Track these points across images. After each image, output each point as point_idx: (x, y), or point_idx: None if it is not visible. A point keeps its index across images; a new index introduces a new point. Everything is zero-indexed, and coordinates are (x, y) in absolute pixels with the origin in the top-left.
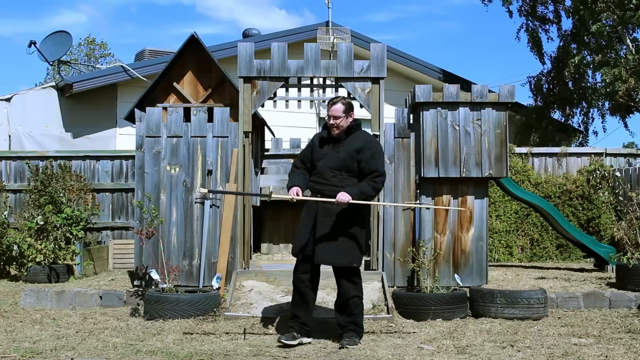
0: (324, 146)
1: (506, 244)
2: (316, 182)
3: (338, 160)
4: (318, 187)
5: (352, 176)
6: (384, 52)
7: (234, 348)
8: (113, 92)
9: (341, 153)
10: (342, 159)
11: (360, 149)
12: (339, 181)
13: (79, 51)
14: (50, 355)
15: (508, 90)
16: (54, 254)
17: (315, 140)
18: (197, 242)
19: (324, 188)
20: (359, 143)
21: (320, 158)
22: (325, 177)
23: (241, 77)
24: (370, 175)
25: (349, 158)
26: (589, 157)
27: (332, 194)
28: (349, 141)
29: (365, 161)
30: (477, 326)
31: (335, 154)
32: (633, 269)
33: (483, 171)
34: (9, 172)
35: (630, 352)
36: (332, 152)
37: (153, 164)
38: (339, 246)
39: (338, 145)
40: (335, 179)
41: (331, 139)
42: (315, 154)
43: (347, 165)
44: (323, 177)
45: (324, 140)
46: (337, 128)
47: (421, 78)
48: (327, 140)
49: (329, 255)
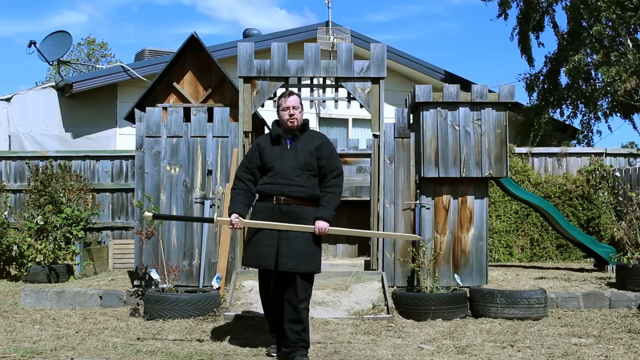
0: (275, 146)
1: (506, 244)
2: (278, 183)
3: (299, 159)
4: (281, 188)
5: (312, 175)
6: (384, 52)
7: (234, 348)
8: (113, 92)
9: (300, 152)
10: (303, 157)
11: (319, 146)
12: (303, 181)
13: (79, 51)
14: (50, 355)
15: (508, 90)
16: (53, 254)
17: (262, 143)
18: (197, 242)
19: (289, 189)
20: (317, 141)
21: (275, 158)
22: (289, 177)
23: (241, 77)
24: (331, 174)
25: (310, 156)
26: (589, 157)
27: (298, 195)
28: (304, 139)
29: (325, 158)
30: (477, 326)
31: (293, 152)
32: (633, 269)
33: (483, 171)
34: (9, 172)
35: (630, 352)
36: (290, 151)
37: (153, 164)
38: (305, 252)
39: (294, 144)
40: (300, 178)
41: (284, 138)
42: (267, 156)
43: (309, 164)
44: (286, 178)
45: (276, 139)
46: (296, 120)
47: (421, 78)
48: (280, 139)
49: (296, 260)
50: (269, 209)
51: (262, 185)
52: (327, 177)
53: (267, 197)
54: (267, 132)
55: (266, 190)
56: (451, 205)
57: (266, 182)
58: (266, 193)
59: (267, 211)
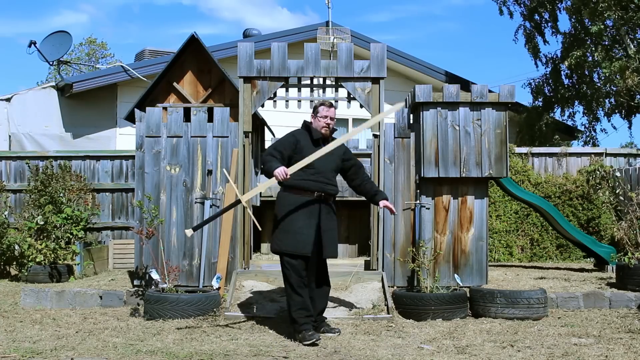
0: (317, 147)
1: (506, 244)
2: (320, 181)
3: (333, 162)
4: (322, 186)
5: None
6: (384, 52)
7: (234, 348)
8: (113, 92)
9: (334, 155)
10: (335, 160)
11: (345, 151)
12: (335, 181)
13: (80, 51)
14: (50, 355)
15: (508, 90)
16: (54, 254)
17: (301, 139)
18: (197, 242)
19: (328, 187)
20: (342, 146)
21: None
22: (328, 176)
23: (241, 77)
24: (361, 169)
25: (339, 160)
26: (588, 157)
27: (333, 192)
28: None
29: (353, 159)
30: (477, 326)
31: (329, 155)
32: (633, 269)
33: (483, 171)
34: (9, 172)
35: (630, 352)
36: (327, 154)
37: (153, 164)
38: (336, 241)
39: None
40: (334, 178)
41: (317, 141)
42: (307, 153)
43: (338, 166)
44: (326, 177)
45: (316, 141)
46: (329, 129)
47: (421, 78)
48: (318, 142)
49: (334, 248)
50: (310, 203)
51: (302, 180)
52: (359, 172)
53: (306, 192)
54: (300, 129)
55: (308, 185)
56: (451, 205)
57: (307, 178)
58: (308, 188)
59: (307, 204)
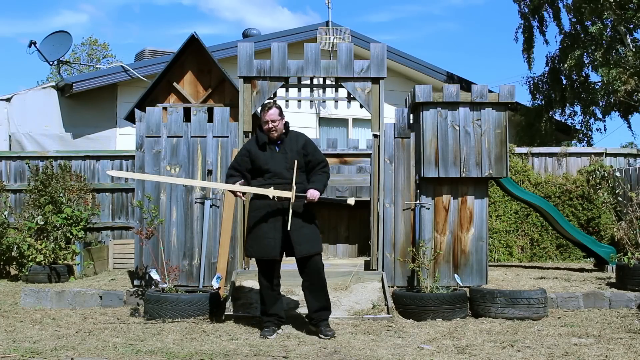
0: (266, 150)
1: (506, 244)
2: (275, 183)
3: (289, 159)
4: (280, 187)
5: (302, 172)
6: (384, 52)
7: (234, 348)
8: (113, 92)
9: (289, 153)
10: (292, 157)
11: (304, 145)
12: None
13: (81, 51)
14: (50, 355)
15: (508, 90)
16: (54, 254)
17: (252, 148)
18: (197, 242)
19: (286, 187)
20: (301, 141)
21: (267, 161)
22: (284, 176)
23: (241, 77)
24: (319, 165)
25: (297, 156)
26: (588, 157)
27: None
28: (289, 141)
29: (311, 154)
30: (477, 326)
31: (282, 154)
32: (633, 269)
33: (483, 171)
34: (9, 172)
35: (630, 352)
36: (279, 153)
37: (153, 164)
38: (312, 237)
39: (282, 147)
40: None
41: (270, 142)
42: (259, 159)
43: (299, 162)
44: (282, 177)
45: (264, 145)
46: (275, 131)
47: (421, 78)
48: (265, 144)
49: (308, 246)
50: (271, 205)
51: (261, 185)
52: (316, 168)
53: (266, 196)
54: (252, 138)
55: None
56: (451, 205)
57: (264, 182)
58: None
59: (269, 207)
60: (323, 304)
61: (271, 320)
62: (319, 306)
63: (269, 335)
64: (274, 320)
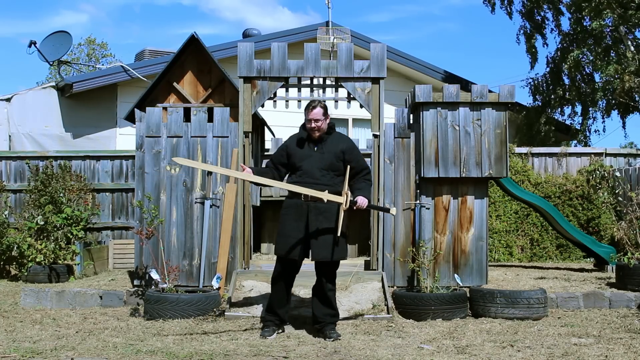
0: (304, 147)
1: (506, 244)
2: (304, 182)
3: (324, 160)
4: (308, 186)
5: (336, 175)
6: (384, 52)
7: (234, 348)
8: (113, 92)
9: (326, 153)
10: (328, 159)
11: (345, 150)
12: (328, 180)
13: (80, 51)
14: (50, 355)
15: (508, 90)
16: (54, 254)
17: (291, 143)
18: (197, 242)
19: (315, 187)
20: (343, 144)
21: (303, 159)
22: (315, 176)
23: (241, 77)
24: (361, 173)
25: (334, 158)
26: (588, 157)
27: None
28: (330, 142)
29: (355, 161)
30: (477, 326)
31: (319, 154)
32: (633, 269)
33: (483, 171)
34: (9, 172)
35: (630, 352)
36: (316, 152)
37: (153, 164)
38: (333, 243)
39: (321, 146)
40: (324, 177)
41: (310, 140)
42: (295, 156)
43: (334, 165)
44: (312, 177)
45: (302, 142)
46: (318, 131)
47: (421, 78)
48: (306, 141)
49: (326, 251)
50: (298, 205)
51: (292, 183)
52: (359, 175)
53: (295, 194)
54: (296, 133)
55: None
56: (451, 205)
57: (294, 180)
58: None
59: (296, 207)
60: (330, 311)
61: (272, 320)
62: (327, 312)
63: (268, 335)
64: (275, 321)
